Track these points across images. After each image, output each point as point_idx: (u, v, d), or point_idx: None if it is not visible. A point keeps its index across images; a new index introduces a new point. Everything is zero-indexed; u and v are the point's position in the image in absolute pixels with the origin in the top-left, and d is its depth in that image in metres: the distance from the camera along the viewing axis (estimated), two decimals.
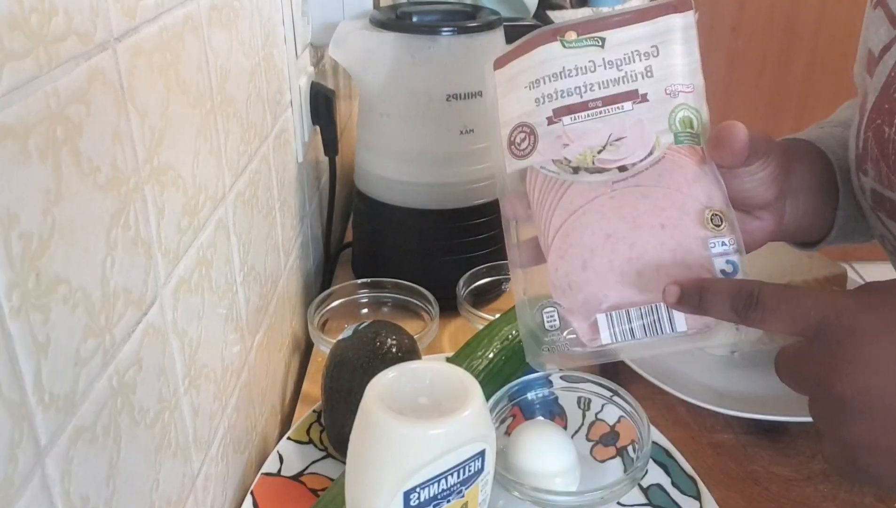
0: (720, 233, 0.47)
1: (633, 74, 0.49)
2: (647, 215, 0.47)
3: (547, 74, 0.49)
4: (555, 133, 0.49)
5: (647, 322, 0.46)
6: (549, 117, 0.49)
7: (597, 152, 0.48)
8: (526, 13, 1.18)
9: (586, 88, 0.49)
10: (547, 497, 0.52)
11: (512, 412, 0.60)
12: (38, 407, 0.30)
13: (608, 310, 0.47)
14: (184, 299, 0.45)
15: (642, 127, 0.48)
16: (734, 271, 0.46)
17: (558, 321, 0.48)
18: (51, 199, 0.30)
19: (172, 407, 0.43)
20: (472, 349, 0.64)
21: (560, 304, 0.48)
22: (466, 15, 0.80)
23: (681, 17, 0.49)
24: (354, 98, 1.16)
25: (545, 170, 0.49)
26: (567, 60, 0.49)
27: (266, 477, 0.59)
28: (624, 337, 0.46)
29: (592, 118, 0.49)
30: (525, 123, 0.50)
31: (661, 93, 0.49)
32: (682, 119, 0.49)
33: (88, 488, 0.34)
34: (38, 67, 0.29)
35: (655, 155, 0.48)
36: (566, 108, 0.49)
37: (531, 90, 0.50)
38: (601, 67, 0.49)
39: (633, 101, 0.49)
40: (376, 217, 0.83)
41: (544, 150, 0.49)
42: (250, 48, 0.59)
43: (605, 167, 0.48)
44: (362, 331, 0.62)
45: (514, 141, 0.50)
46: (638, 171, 0.48)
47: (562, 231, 0.48)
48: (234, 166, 0.55)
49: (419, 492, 0.39)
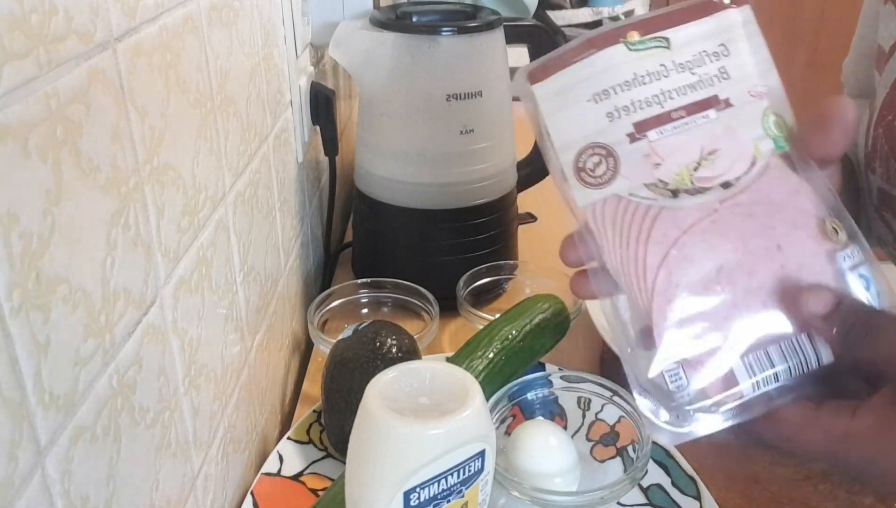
0: (842, 244, 0.41)
1: (709, 78, 0.43)
2: (757, 238, 0.41)
3: (618, 83, 0.42)
4: (641, 151, 0.42)
5: (791, 361, 0.39)
6: (631, 134, 0.42)
7: (693, 170, 0.42)
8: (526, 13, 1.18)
9: (665, 96, 0.42)
10: (547, 497, 0.52)
11: (512, 412, 0.60)
12: (38, 407, 0.30)
13: (741, 354, 0.39)
14: (184, 299, 0.45)
15: (735, 135, 0.42)
16: (867, 285, 0.40)
17: (685, 379, 0.39)
18: (51, 199, 0.30)
19: (172, 407, 0.43)
20: (472, 349, 0.64)
21: (684, 357, 0.39)
22: (466, 15, 0.80)
23: (738, 11, 0.44)
24: (354, 98, 1.16)
25: (635, 197, 0.41)
26: (637, 66, 0.43)
27: (266, 477, 0.59)
28: (767, 383, 0.39)
29: (679, 131, 0.42)
30: (598, 144, 0.42)
31: (745, 95, 0.43)
32: (776, 122, 0.43)
33: (88, 488, 0.34)
34: (38, 67, 0.29)
35: (759, 165, 0.42)
36: (649, 120, 0.42)
37: (598, 103, 0.42)
38: (673, 70, 0.43)
39: (716, 107, 0.43)
40: (376, 217, 0.83)
41: (631, 173, 0.42)
42: (250, 48, 0.59)
43: (707, 186, 0.42)
44: (362, 331, 0.62)
45: (584, 167, 0.42)
46: (744, 186, 0.42)
47: (663, 271, 0.40)
48: (234, 166, 0.55)
49: (419, 492, 0.39)
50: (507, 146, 0.83)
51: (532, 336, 0.66)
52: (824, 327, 0.38)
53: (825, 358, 0.39)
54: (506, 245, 0.86)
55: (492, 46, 0.77)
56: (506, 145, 0.83)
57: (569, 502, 0.52)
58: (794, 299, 0.39)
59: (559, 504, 0.52)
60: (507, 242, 0.86)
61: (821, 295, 0.39)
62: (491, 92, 0.78)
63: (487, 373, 0.62)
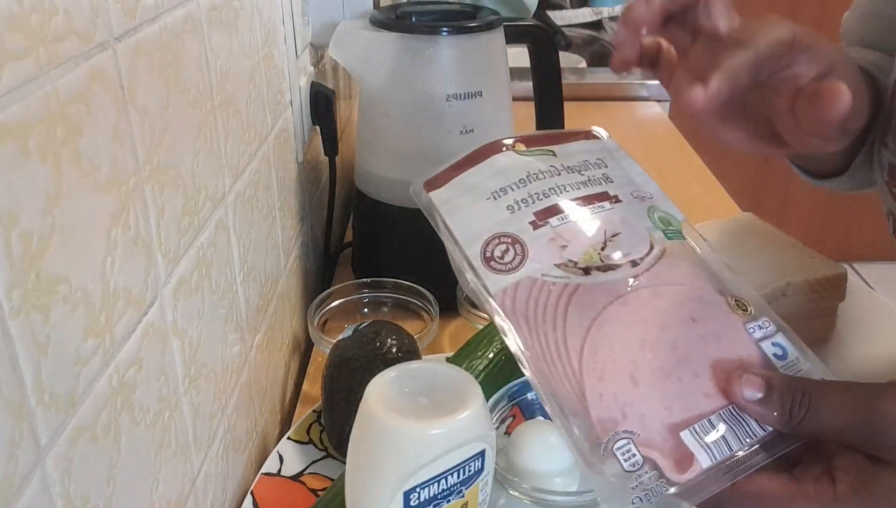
0: (752, 316, 0.42)
1: (596, 179, 0.47)
2: (670, 314, 0.42)
3: (513, 181, 0.46)
4: (546, 236, 0.44)
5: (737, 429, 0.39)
6: (533, 222, 0.45)
7: (600, 249, 0.44)
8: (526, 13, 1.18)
9: (560, 189, 0.46)
10: (547, 497, 0.52)
11: (512, 412, 0.60)
12: (38, 407, 0.30)
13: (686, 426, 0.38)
14: (184, 299, 0.45)
15: (631, 223, 0.46)
16: (784, 353, 0.41)
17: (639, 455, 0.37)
18: (51, 199, 0.30)
19: (172, 407, 0.43)
20: (472, 349, 0.64)
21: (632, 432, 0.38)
22: (466, 15, 0.80)
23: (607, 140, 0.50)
24: (354, 98, 1.16)
25: (549, 277, 0.43)
26: (530, 166, 0.47)
27: (266, 477, 0.59)
28: (721, 452, 0.38)
29: (579, 218, 0.45)
30: (503, 233, 0.44)
31: (628, 195, 0.47)
32: (661, 218, 0.47)
33: (88, 488, 0.34)
34: (38, 67, 0.29)
35: (656, 249, 0.45)
36: (547, 209, 0.45)
37: (497, 200, 0.46)
38: (564, 171, 0.47)
39: (609, 201, 0.47)
40: (376, 217, 0.83)
41: (539, 256, 0.44)
42: (250, 48, 0.59)
43: (617, 263, 0.44)
44: (362, 331, 0.62)
45: (492, 256, 0.44)
46: (649, 264, 0.44)
47: (587, 350, 0.40)
48: (234, 166, 0.55)
49: (419, 492, 0.39)
50: None
51: None
52: (763, 411, 0.38)
53: None
54: None
55: (492, 46, 0.77)
56: None
57: (569, 502, 0.52)
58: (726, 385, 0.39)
59: (559, 504, 0.52)
60: None
61: (750, 381, 0.38)
62: (491, 92, 0.78)
63: (487, 373, 0.62)
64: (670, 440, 0.38)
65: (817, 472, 0.37)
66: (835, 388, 0.38)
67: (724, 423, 0.39)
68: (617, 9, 2.09)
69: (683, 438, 0.38)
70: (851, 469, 0.37)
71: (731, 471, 0.38)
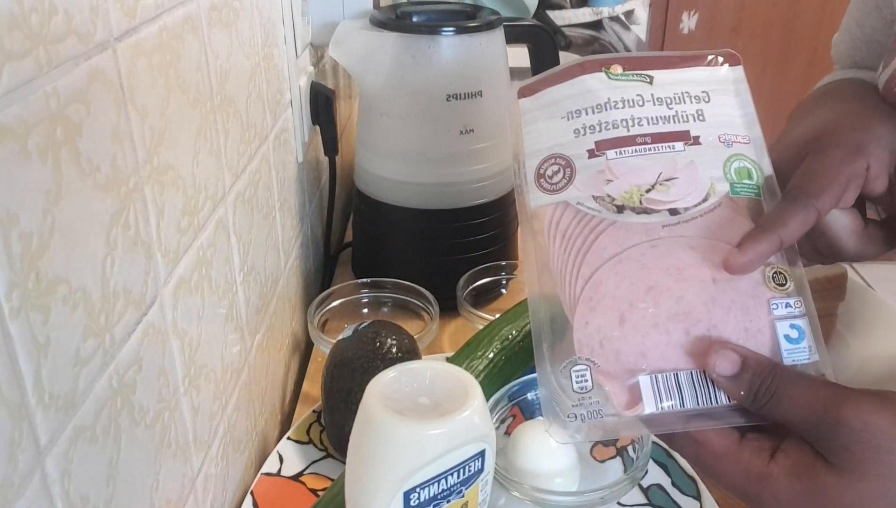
0: (785, 293, 0.41)
1: (684, 115, 0.45)
2: (695, 268, 0.42)
3: (591, 105, 0.46)
4: (596, 167, 0.44)
5: (699, 390, 0.40)
6: (591, 150, 0.45)
7: (645, 191, 0.44)
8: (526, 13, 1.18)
9: (634, 121, 0.45)
10: (547, 497, 0.52)
11: (512, 412, 0.60)
12: (38, 407, 0.30)
13: (652, 372, 0.40)
14: (184, 299, 0.45)
15: (695, 170, 0.44)
16: (799, 337, 0.41)
17: (591, 382, 0.41)
18: (51, 199, 0.30)
19: (172, 407, 0.43)
20: (472, 349, 0.64)
21: (594, 362, 0.41)
22: (466, 15, 0.80)
23: (730, 69, 0.47)
24: (354, 98, 1.16)
25: (583, 207, 0.44)
26: (613, 92, 0.45)
27: (266, 477, 0.59)
28: (672, 406, 0.40)
29: (640, 155, 0.44)
30: (559, 155, 0.45)
31: (714, 138, 0.45)
32: (739, 169, 0.44)
33: (88, 488, 0.34)
34: (38, 67, 0.29)
35: (711, 201, 0.43)
36: (611, 140, 0.45)
37: (570, 120, 0.46)
38: (650, 102, 0.45)
39: (684, 141, 0.45)
40: (376, 217, 0.83)
41: (583, 184, 0.44)
42: (250, 48, 0.59)
43: (654, 208, 0.43)
44: (362, 331, 0.62)
45: (543, 173, 0.45)
46: (691, 216, 0.43)
47: (593, 280, 0.42)
48: (234, 166, 0.55)
49: (419, 492, 0.39)
50: (507, 146, 0.83)
51: None
52: (730, 387, 0.39)
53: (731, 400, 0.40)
54: (506, 245, 0.86)
55: (492, 46, 0.77)
56: (506, 145, 0.83)
57: (569, 502, 0.52)
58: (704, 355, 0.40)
59: (559, 504, 0.52)
60: (507, 242, 0.86)
61: (727, 356, 0.39)
62: (491, 92, 0.78)
63: (487, 373, 0.62)
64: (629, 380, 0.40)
65: (762, 444, 0.38)
66: (804, 382, 0.38)
67: (690, 382, 0.40)
68: (617, 8, 2.09)
69: (640, 380, 0.40)
70: (792, 455, 0.37)
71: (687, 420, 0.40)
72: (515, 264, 0.86)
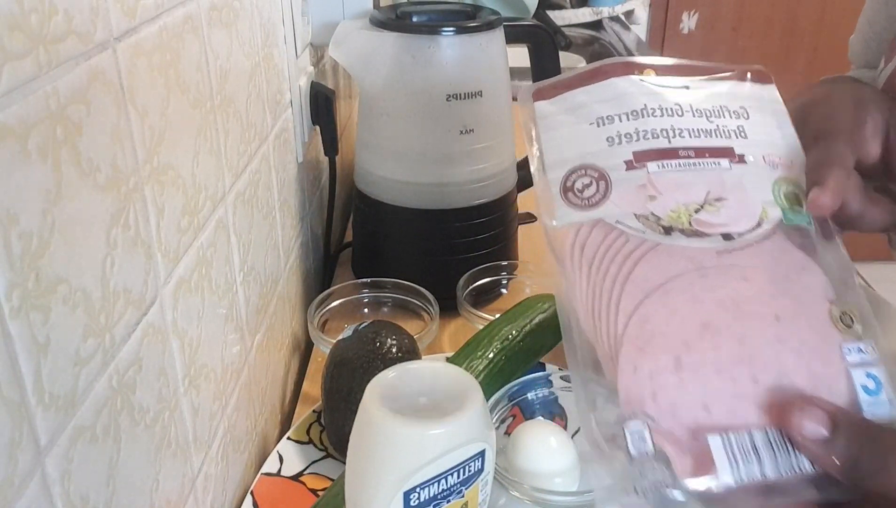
0: (855, 336, 0.36)
1: (726, 130, 0.41)
2: (753, 303, 0.36)
3: (625, 111, 0.41)
4: (636, 181, 0.39)
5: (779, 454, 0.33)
6: (629, 162, 0.39)
7: (694, 211, 0.38)
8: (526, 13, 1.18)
9: (675, 132, 0.40)
10: (547, 497, 0.52)
11: (512, 412, 0.60)
12: (38, 407, 0.30)
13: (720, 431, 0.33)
14: (184, 299, 0.45)
15: (744, 191, 0.39)
16: (877, 388, 0.35)
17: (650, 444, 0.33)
18: (51, 199, 0.30)
19: (172, 407, 0.43)
20: (472, 349, 0.64)
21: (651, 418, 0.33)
22: (466, 15, 0.80)
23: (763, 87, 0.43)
24: (354, 98, 1.16)
25: (623, 225, 0.38)
26: (650, 99, 0.41)
27: (266, 477, 0.59)
28: (750, 474, 0.32)
29: (684, 169, 0.39)
30: (591, 166, 0.40)
31: (759, 158, 0.40)
32: (788, 194, 0.39)
33: (88, 488, 0.34)
34: (38, 67, 0.29)
35: (764, 228, 0.38)
36: (651, 152, 0.39)
37: (600, 127, 0.41)
38: (689, 112, 0.41)
39: (729, 158, 0.40)
40: (376, 217, 0.83)
41: (621, 200, 0.39)
42: (250, 48, 0.59)
43: (706, 232, 0.38)
44: (362, 331, 0.62)
45: (571, 186, 0.40)
46: (746, 243, 0.38)
47: (638, 315, 0.36)
48: (234, 166, 0.55)
49: (419, 492, 0.39)
50: (507, 146, 0.83)
51: (532, 336, 0.66)
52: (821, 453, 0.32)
53: None
54: (506, 245, 0.86)
55: (492, 46, 0.77)
56: (506, 145, 0.83)
57: (569, 502, 0.52)
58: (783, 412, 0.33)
59: (559, 504, 0.52)
60: (507, 242, 0.86)
61: (814, 416, 0.32)
62: (491, 92, 0.78)
63: (487, 373, 0.62)
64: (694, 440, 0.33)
65: None
66: None
67: (768, 444, 0.33)
68: (617, 8, 2.09)
69: (710, 441, 0.33)
70: None
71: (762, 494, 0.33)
72: (515, 264, 0.86)
